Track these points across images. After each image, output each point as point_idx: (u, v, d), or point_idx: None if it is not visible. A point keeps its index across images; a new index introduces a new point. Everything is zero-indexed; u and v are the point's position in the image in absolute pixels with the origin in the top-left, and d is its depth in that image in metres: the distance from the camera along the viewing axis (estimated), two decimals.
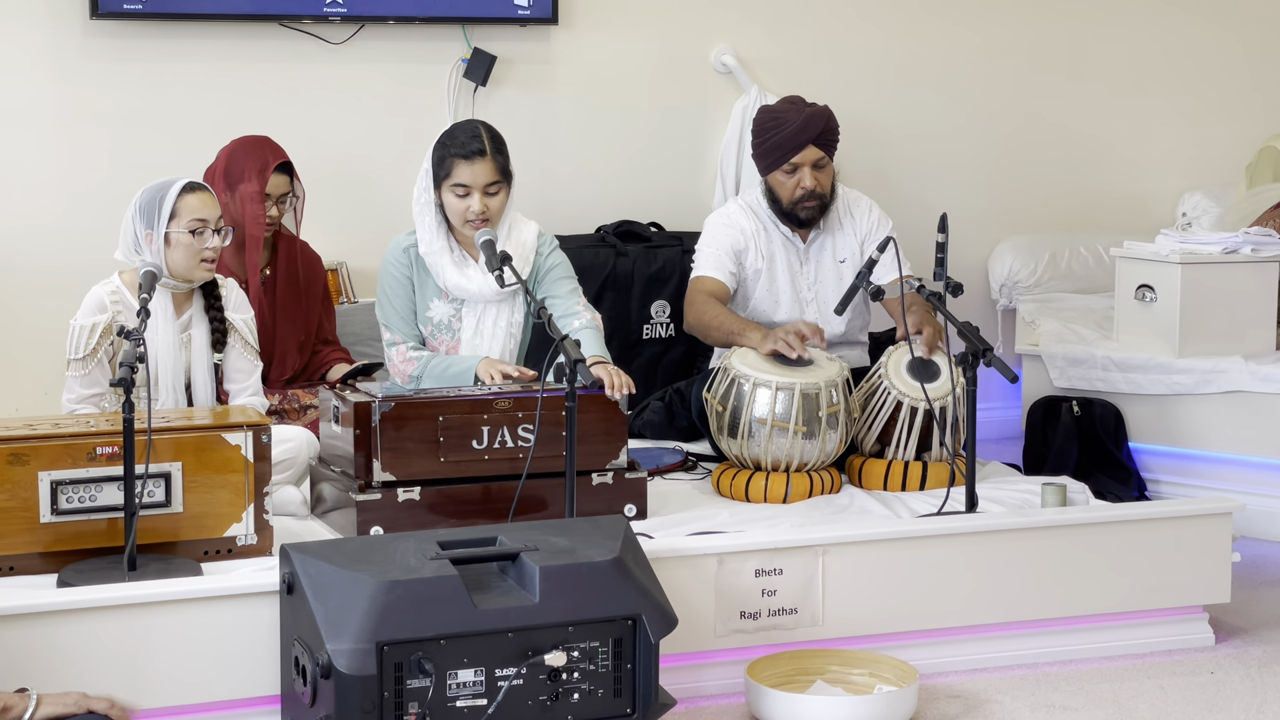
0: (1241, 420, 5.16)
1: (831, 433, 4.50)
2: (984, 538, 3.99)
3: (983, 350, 4.13)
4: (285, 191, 4.83)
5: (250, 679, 3.47)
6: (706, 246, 4.95)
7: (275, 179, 4.78)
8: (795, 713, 3.57)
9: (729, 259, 4.90)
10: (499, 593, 3.36)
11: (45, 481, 3.72)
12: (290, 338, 4.85)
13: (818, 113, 4.90)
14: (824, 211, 4.94)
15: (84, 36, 5.24)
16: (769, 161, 4.90)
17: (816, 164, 4.87)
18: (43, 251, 5.24)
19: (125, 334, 3.74)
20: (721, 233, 4.94)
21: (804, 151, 4.85)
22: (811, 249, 4.99)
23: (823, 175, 4.89)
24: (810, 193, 4.87)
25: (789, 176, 4.87)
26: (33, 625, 3.33)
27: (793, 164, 4.86)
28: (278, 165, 4.78)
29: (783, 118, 4.90)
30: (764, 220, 4.97)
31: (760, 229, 4.95)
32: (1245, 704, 3.81)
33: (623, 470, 4.24)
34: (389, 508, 4.05)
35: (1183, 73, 6.53)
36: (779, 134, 4.86)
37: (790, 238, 4.97)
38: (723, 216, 4.99)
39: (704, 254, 4.94)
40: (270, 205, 4.77)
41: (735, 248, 4.91)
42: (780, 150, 4.86)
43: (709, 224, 5.00)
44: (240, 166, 4.75)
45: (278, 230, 4.88)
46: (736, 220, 4.95)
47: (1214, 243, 5.32)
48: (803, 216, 4.91)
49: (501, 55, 5.62)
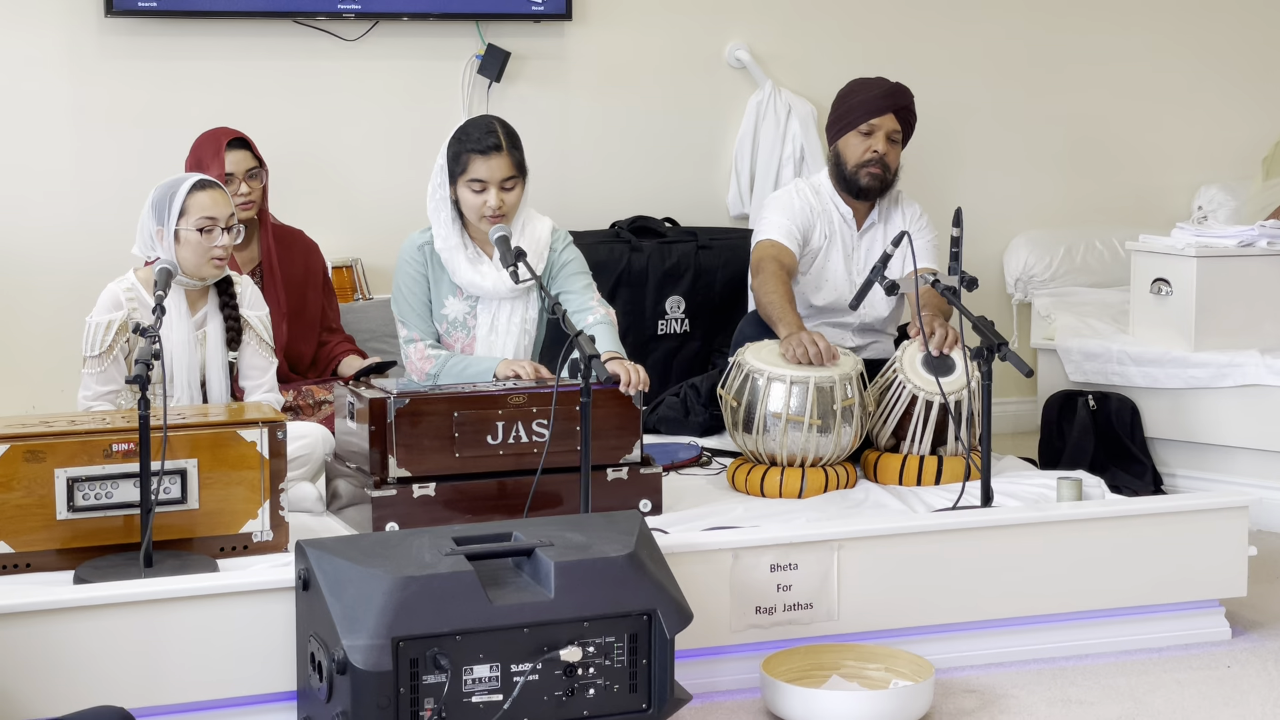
0: (1258, 414, 5.14)
1: (846, 427, 4.50)
2: (1000, 532, 3.98)
3: (998, 344, 4.13)
4: (251, 166, 4.82)
5: (266, 675, 3.48)
6: (776, 215, 4.94)
7: (233, 156, 4.78)
8: (811, 708, 3.56)
9: (798, 230, 4.92)
10: (514, 588, 3.36)
11: (61, 478, 3.73)
12: (293, 329, 4.84)
13: (904, 90, 4.99)
14: (884, 186, 4.95)
15: (99, 34, 5.25)
16: (846, 122, 4.93)
17: (890, 135, 4.91)
18: (58, 249, 5.25)
19: (141, 331, 3.74)
20: (792, 202, 4.95)
21: (885, 116, 4.90)
22: (864, 237, 5.00)
23: (893, 150, 4.93)
24: (879, 158, 4.89)
25: (863, 139, 4.90)
26: (50, 622, 3.33)
27: (870, 125, 4.89)
28: (231, 141, 4.79)
29: (872, 83, 4.99)
30: (825, 199, 4.98)
31: (823, 210, 4.97)
32: (1262, 698, 3.80)
33: (638, 465, 4.25)
34: (404, 504, 4.05)
35: (1198, 66, 6.51)
36: (865, 94, 4.93)
37: (847, 219, 4.98)
38: (793, 191, 5.01)
39: (773, 220, 4.93)
40: (238, 183, 4.77)
41: (805, 222, 4.94)
42: (861, 110, 4.91)
43: (776, 197, 5.02)
44: (199, 158, 4.78)
45: (261, 220, 4.86)
46: (806, 196, 4.98)
47: (1230, 236, 5.30)
48: (864, 183, 4.92)
49: (515, 51, 5.62)
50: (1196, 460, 5.29)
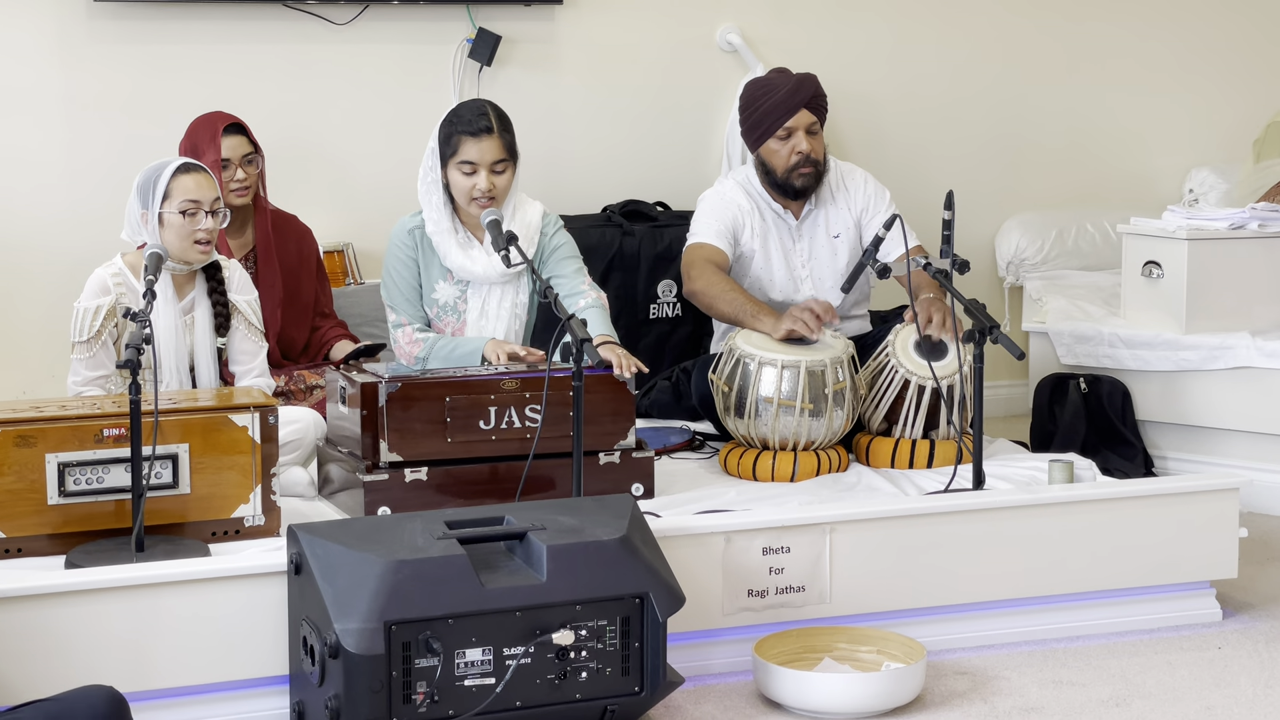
0: (1248, 396, 5.15)
1: (838, 410, 4.50)
2: (991, 515, 3.98)
3: (989, 328, 4.13)
4: (246, 152, 4.81)
5: (258, 659, 3.48)
6: (705, 217, 4.91)
7: (229, 141, 4.76)
8: (803, 690, 3.57)
9: (728, 231, 4.88)
10: (507, 572, 3.36)
11: (53, 463, 3.72)
12: (287, 315, 4.83)
13: (808, 78, 4.88)
14: (819, 180, 4.91)
15: (88, 19, 5.23)
16: (762, 130, 4.87)
17: (809, 129, 4.85)
18: (47, 234, 5.24)
19: (131, 316, 3.74)
20: (720, 205, 4.91)
21: (797, 115, 4.82)
22: (804, 225, 4.96)
23: (816, 141, 4.86)
24: (806, 157, 4.84)
25: (783, 143, 4.84)
26: (41, 607, 3.33)
27: (787, 129, 4.83)
28: (228, 126, 4.77)
29: (773, 84, 4.89)
30: (756, 199, 4.94)
31: (753, 207, 4.93)
32: (1253, 679, 3.81)
33: (630, 450, 4.24)
34: (396, 488, 4.05)
35: (1190, 49, 6.50)
36: (770, 99, 4.84)
37: (782, 215, 4.94)
38: (718, 193, 4.96)
39: (702, 224, 4.90)
40: (234, 168, 4.76)
41: (734, 223, 4.89)
42: (773, 116, 4.83)
43: (705, 199, 4.98)
44: (194, 143, 4.77)
45: (256, 206, 4.85)
46: (732, 197, 4.93)
47: (1221, 219, 5.30)
48: (798, 185, 4.87)
49: (506, 35, 5.61)
50: (1188, 442, 5.29)
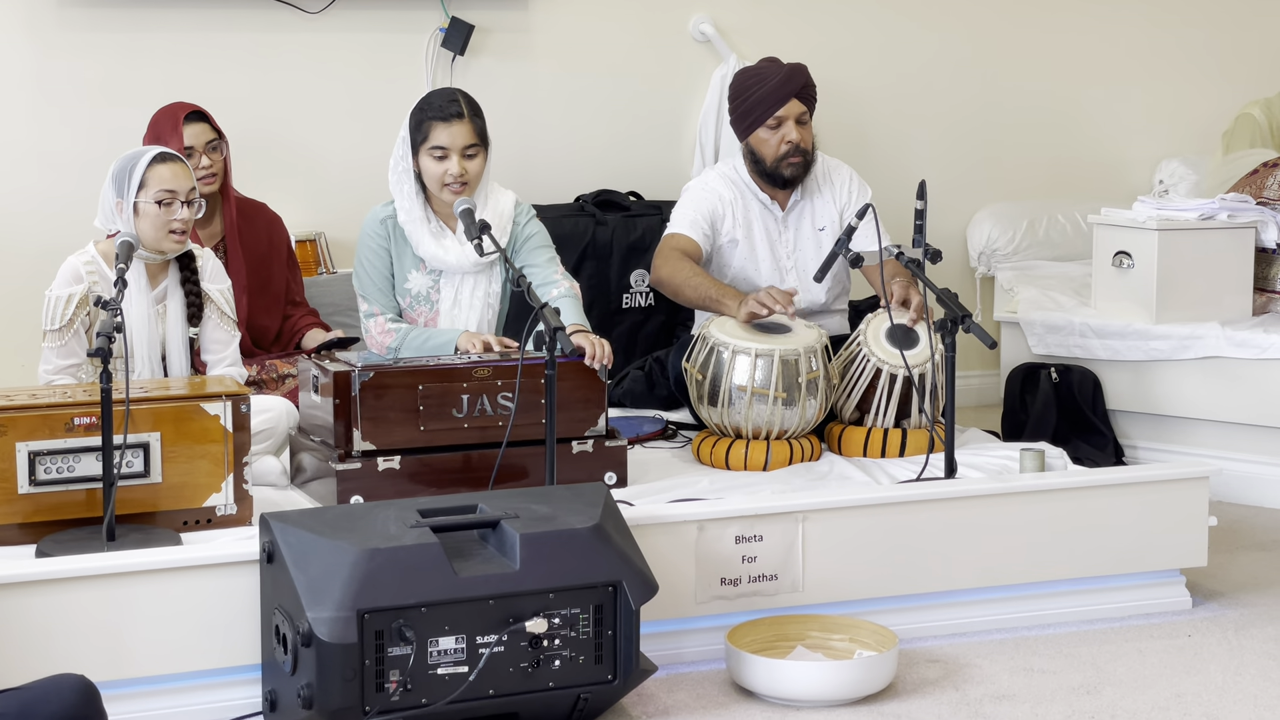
0: (1218, 385, 5.17)
1: (811, 399, 4.51)
2: (963, 503, 4.00)
3: (961, 317, 4.14)
4: (210, 139, 4.80)
5: (231, 648, 3.47)
6: (682, 208, 4.94)
7: (191, 129, 4.75)
8: (776, 678, 3.58)
9: (704, 222, 4.89)
10: (480, 560, 3.36)
11: (23, 452, 3.71)
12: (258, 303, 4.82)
13: (799, 68, 4.92)
14: (807, 170, 4.93)
15: (58, 7, 5.20)
16: (752, 119, 4.89)
17: (799, 119, 4.87)
18: (18, 222, 5.21)
19: (103, 304, 3.73)
20: (699, 196, 4.94)
21: (788, 104, 4.85)
22: (790, 216, 4.98)
23: (805, 131, 4.89)
24: (795, 147, 4.86)
25: (773, 132, 4.87)
26: (11, 596, 3.32)
27: (778, 118, 4.85)
28: (189, 114, 4.76)
29: (765, 73, 4.91)
30: (742, 188, 4.96)
31: (738, 197, 4.95)
32: (1222, 666, 3.83)
33: (603, 438, 4.25)
34: (369, 477, 4.05)
35: (1160, 40, 6.53)
36: (762, 89, 4.87)
37: (769, 205, 4.96)
38: (700, 184, 4.99)
39: (678, 214, 4.93)
40: (198, 156, 4.75)
41: (712, 213, 4.91)
42: (764, 104, 4.85)
43: (687, 190, 5.00)
44: (157, 134, 4.75)
45: (224, 194, 4.83)
46: (715, 187, 4.95)
47: (1191, 209, 5.33)
48: (787, 174, 4.90)
49: (479, 24, 5.60)
50: (1158, 432, 5.32)
